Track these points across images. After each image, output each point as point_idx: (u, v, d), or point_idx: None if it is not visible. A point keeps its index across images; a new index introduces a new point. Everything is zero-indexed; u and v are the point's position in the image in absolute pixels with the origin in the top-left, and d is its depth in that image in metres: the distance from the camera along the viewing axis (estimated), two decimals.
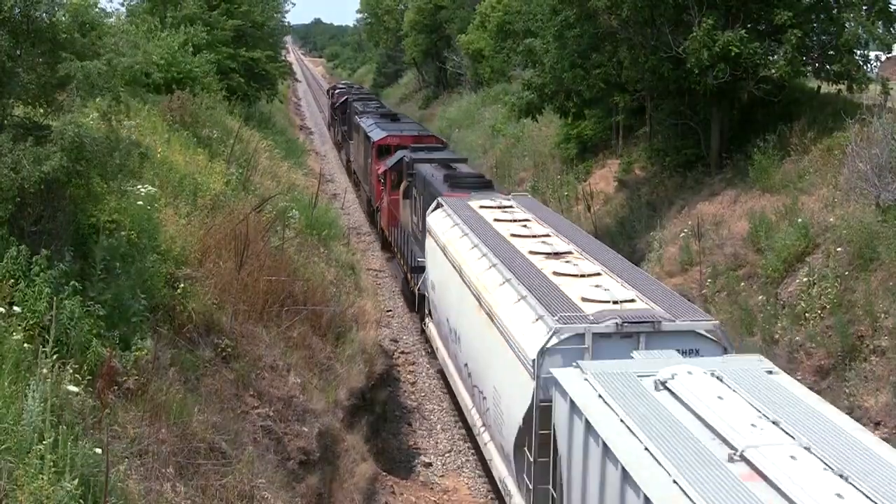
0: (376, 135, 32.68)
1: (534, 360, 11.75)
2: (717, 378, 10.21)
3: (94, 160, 9.60)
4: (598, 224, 28.02)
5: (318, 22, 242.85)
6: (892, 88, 21.74)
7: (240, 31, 33.50)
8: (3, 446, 6.94)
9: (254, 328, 13.50)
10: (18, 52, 9.93)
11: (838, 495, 7.84)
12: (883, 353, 15.07)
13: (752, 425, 9.10)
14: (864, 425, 14.29)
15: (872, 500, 7.79)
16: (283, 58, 47.88)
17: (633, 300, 12.83)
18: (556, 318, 12.06)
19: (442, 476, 16.83)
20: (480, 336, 14.75)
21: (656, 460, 8.75)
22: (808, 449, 8.62)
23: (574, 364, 11.04)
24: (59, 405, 7.71)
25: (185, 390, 10.42)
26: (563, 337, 11.81)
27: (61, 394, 7.88)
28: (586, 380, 10.51)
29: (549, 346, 11.75)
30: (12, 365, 7.82)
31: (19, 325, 8.33)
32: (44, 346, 7.97)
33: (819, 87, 24.50)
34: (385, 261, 30.62)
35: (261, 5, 37.03)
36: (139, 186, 12.11)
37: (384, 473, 15.48)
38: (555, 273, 14.15)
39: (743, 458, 8.52)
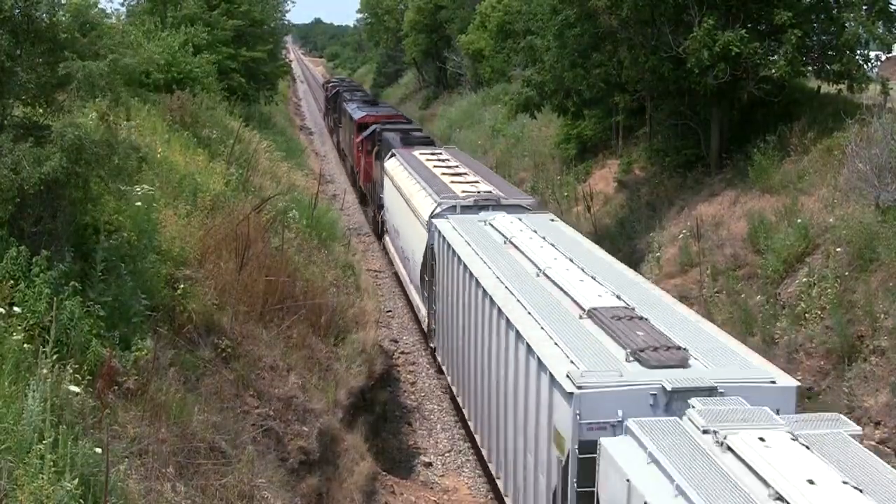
0: (357, 115, 40.99)
1: (427, 220, 20.40)
2: (519, 219, 18.71)
3: (93, 161, 9.60)
4: (598, 224, 28.02)
5: (318, 22, 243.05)
6: (891, 88, 21.74)
7: (240, 31, 33.51)
8: (4, 446, 6.94)
9: (254, 328, 13.50)
10: (18, 52, 9.93)
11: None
12: (883, 353, 15.08)
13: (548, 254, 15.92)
14: (863, 425, 14.36)
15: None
16: (284, 57, 47.92)
17: (490, 191, 22.03)
18: (441, 196, 21.07)
19: (442, 476, 16.85)
20: (406, 221, 23.82)
21: (482, 258, 16.14)
22: (571, 260, 15.34)
23: (445, 218, 19.59)
24: (59, 405, 7.71)
25: (185, 390, 10.43)
26: (443, 207, 20.46)
27: (61, 394, 7.88)
28: (453, 227, 18.68)
29: (435, 211, 20.39)
30: (12, 365, 7.82)
31: (19, 326, 8.33)
32: (44, 347, 7.98)
33: (819, 88, 24.51)
34: (380, 253, 30.73)
35: (261, 4, 37.03)
36: (138, 188, 12.10)
37: (384, 473, 15.49)
38: (451, 181, 23.02)
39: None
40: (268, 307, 14.14)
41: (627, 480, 8.78)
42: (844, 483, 7.87)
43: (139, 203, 11.91)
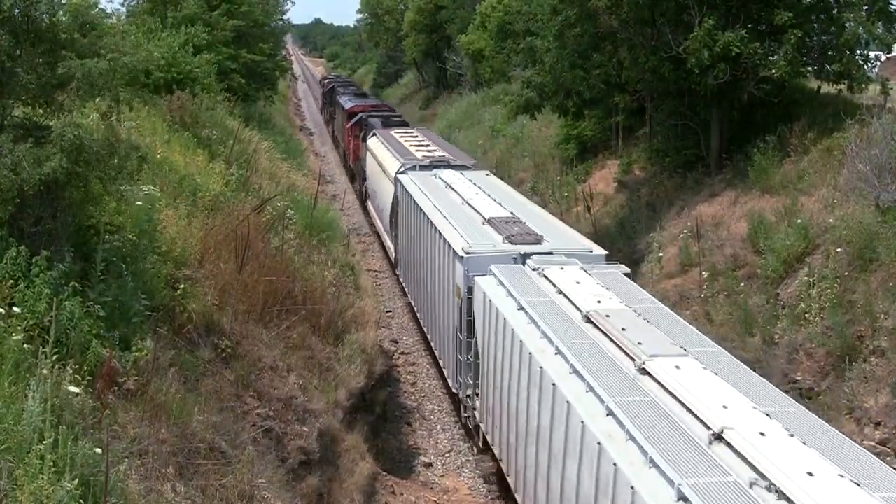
0: (347, 105, 47.32)
1: (394, 177, 26.30)
2: (461, 174, 24.75)
3: (93, 162, 9.59)
4: (598, 225, 28.02)
5: (318, 22, 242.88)
6: (891, 89, 21.74)
7: (240, 32, 33.49)
8: (4, 446, 6.94)
9: (254, 329, 13.51)
10: (18, 53, 9.92)
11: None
12: (883, 353, 15.07)
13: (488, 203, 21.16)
14: (863, 426, 14.37)
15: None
16: (283, 57, 47.92)
17: (443, 155, 28.28)
18: (404, 158, 27.35)
19: (442, 476, 16.85)
20: (380, 182, 30.02)
21: (428, 197, 21.77)
22: (489, 195, 21.78)
23: (407, 174, 25.57)
24: (59, 405, 7.71)
25: (185, 391, 10.43)
26: (406, 166, 26.25)
27: (61, 394, 7.88)
28: (412, 179, 24.48)
29: (399, 169, 26.19)
30: (12, 365, 7.82)
31: (19, 326, 8.33)
32: (44, 347, 7.98)
33: (819, 88, 24.50)
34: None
35: (261, 5, 37.02)
36: (143, 188, 12.11)
37: (384, 473, 15.49)
38: (415, 150, 29.26)
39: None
40: (268, 307, 14.14)
41: (484, 293, 15.65)
42: (603, 287, 14.59)
43: (140, 203, 11.92)
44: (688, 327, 13.37)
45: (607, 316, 13.10)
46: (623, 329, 12.54)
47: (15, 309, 8.52)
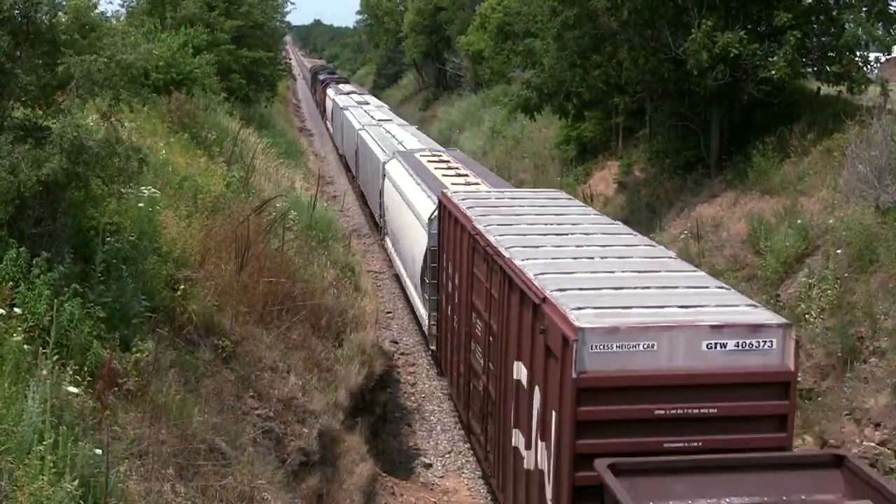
0: (320, 77, 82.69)
1: (334, 99, 55.80)
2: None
3: (93, 163, 9.58)
4: None
5: (318, 23, 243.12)
6: (891, 90, 21.74)
7: (240, 32, 33.50)
8: (4, 447, 6.94)
9: (254, 329, 13.50)
10: (18, 54, 9.92)
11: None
12: (883, 354, 15.07)
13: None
14: (863, 427, 14.37)
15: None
16: (283, 59, 47.99)
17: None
18: (338, 94, 56.35)
19: (442, 477, 16.84)
20: (333, 109, 54.09)
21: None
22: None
23: (337, 96, 56.87)
24: (59, 406, 7.71)
25: (186, 391, 10.43)
26: (339, 94, 55.61)
27: (61, 395, 7.88)
28: (337, 94, 53.32)
29: (334, 97, 55.83)
30: (12, 366, 7.82)
31: (19, 327, 8.33)
32: (44, 348, 7.98)
33: (819, 89, 24.51)
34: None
35: (261, 6, 37.04)
36: (144, 189, 12.10)
37: (384, 474, 15.49)
38: (347, 93, 56.44)
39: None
40: (268, 308, 14.13)
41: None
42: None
43: (141, 204, 11.92)
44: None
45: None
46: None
47: (15, 310, 8.52)
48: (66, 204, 9.90)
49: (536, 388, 11.36)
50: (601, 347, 10.00)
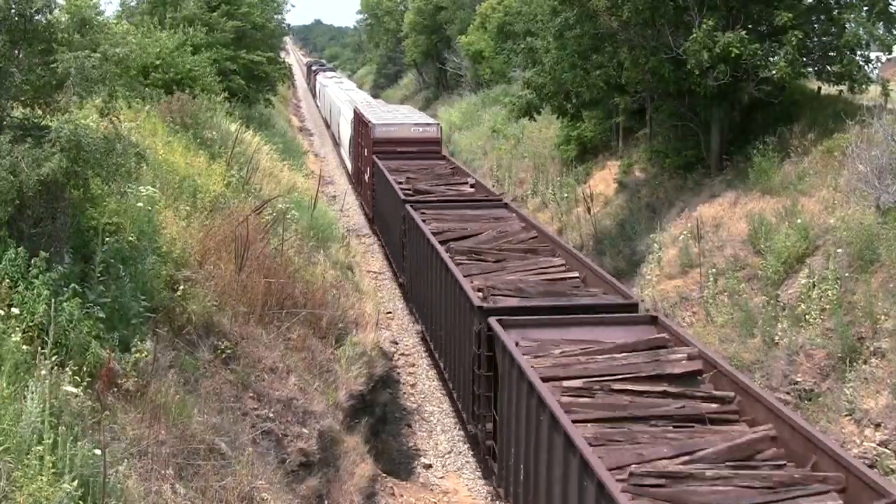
0: (314, 69, 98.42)
1: (323, 86, 73.54)
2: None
3: (90, 160, 9.56)
4: (598, 226, 28.02)
5: (318, 23, 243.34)
6: (892, 90, 21.72)
7: (240, 33, 33.46)
8: (2, 447, 6.93)
9: (253, 330, 13.48)
10: (16, 53, 9.90)
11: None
12: (883, 354, 15.06)
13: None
14: (864, 427, 14.35)
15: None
16: (283, 60, 47.96)
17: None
18: (325, 77, 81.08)
19: (442, 477, 16.83)
20: (322, 93, 72.45)
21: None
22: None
23: (318, 74, 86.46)
24: (58, 406, 7.70)
25: (185, 392, 10.41)
26: (319, 72, 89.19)
27: (60, 395, 7.87)
28: (323, 77, 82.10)
29: (322, 83, 76.90)
30: (11, 366, 7.81)
31: (18, 327, 8.31)
32: (43, 348, 7.96)
33: (819, 89, 24.49)
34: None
35: (261, 6, 36.98)
36: (142, 189, 12.08)
37: (384, 475, 15.47)
38: (331, 78, 79.48)
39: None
40: (267, 308, 14.11)
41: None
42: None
43: (140, 204, 11.90)
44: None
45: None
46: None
47: (14, 310, 8.51)
48: (66, 204, 9.88)
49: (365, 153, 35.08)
50: (383, 130, 33.84)
